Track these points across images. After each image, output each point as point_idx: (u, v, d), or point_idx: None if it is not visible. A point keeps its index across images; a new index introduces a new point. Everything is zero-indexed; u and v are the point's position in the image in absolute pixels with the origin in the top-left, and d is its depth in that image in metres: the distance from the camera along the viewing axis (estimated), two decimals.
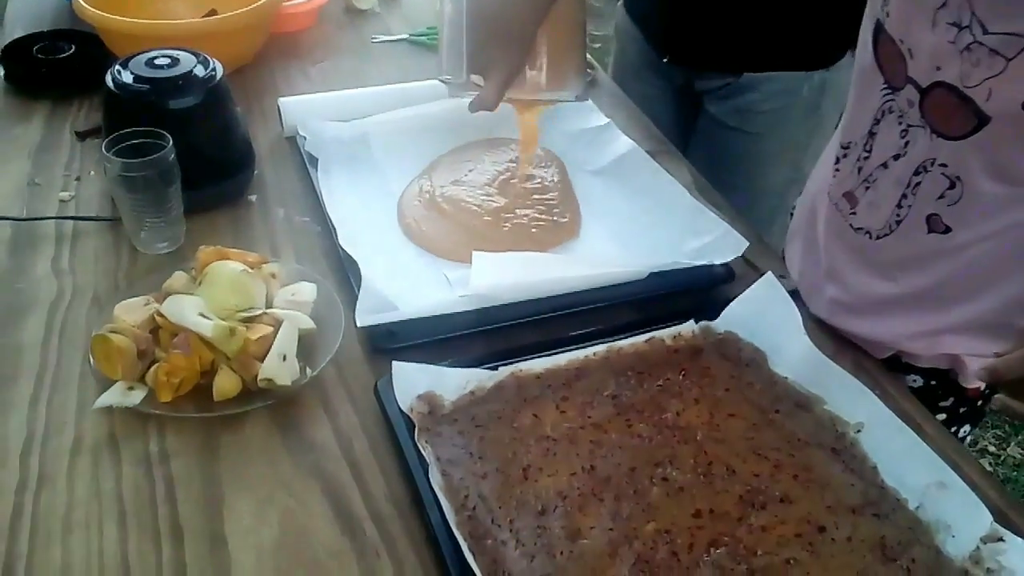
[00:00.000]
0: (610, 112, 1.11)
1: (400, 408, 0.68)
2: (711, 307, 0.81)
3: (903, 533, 0.63)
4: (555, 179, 0.98)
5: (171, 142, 0.81)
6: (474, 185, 0.95)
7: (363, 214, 0.92)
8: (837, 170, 0.81)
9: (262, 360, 0.70)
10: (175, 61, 0.87)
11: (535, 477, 0.65)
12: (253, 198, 0.95)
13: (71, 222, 0.89)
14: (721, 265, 0.86)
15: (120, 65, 0.86)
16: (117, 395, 0.68)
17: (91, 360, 0.70)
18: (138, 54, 0.88)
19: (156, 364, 0.69)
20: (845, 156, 0.80)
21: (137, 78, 0.85)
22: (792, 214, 1.02)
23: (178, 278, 0.77)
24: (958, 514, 0.63)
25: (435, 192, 0.94)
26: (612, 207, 0.96)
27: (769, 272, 0.81)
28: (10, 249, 0.85)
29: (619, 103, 1.18)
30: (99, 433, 0.68)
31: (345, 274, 0.83)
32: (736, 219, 0.94)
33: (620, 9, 1.35)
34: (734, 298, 0.80)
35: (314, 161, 0.96)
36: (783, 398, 0.73)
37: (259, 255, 0.81)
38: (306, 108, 1.03)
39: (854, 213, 0.79)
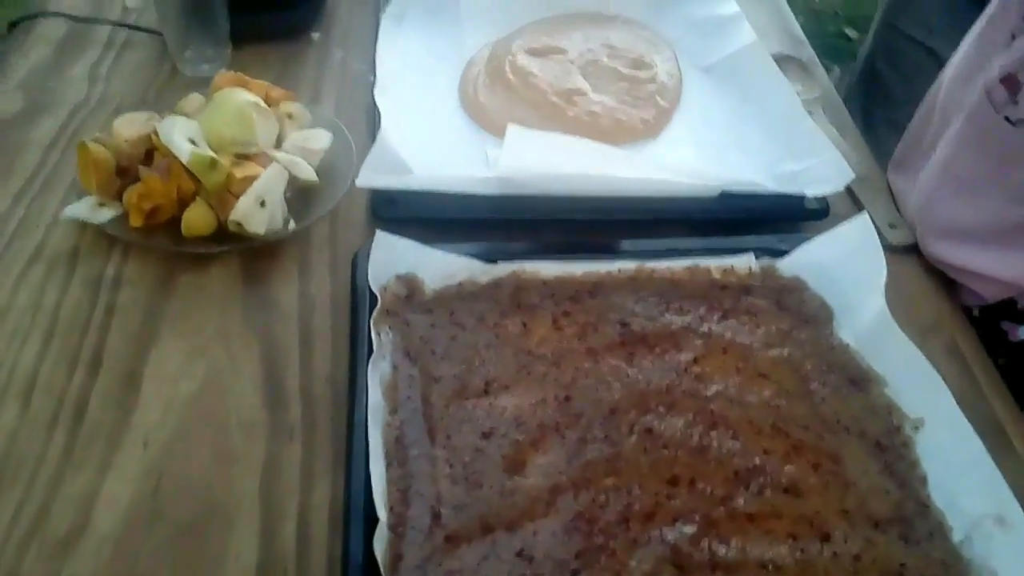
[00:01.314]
0: (751, 4, 0.94)
1: (370, 285, 0.59)
2: (785, 244, 0.66)
3: (931, 568, 0.49)
4: (659, 67, 0.84)
5: None
6: (554, 59, 0.82)
7: (422, 70, 0.82)
8: (1008, 48, 0.63)
9: None
10: None
11: (496, 394, 0.55)
12: (316, 35, 0.87)
13: (126, 31, 0.84)
14: (816, 199, 0.70)
15: None
16: (85, 209, 0.63)
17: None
18: None
19: (136, 183, 0.64)
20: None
21: None
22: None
23: (192, 100, 0.71)
24: (1012, 561, 0.48)
25: (505, 59, 0.82)
26: (709, 110, 0.81)
27: (865, 212, 0.65)
28: (58, 47, 0.82)
29: None
30: (63, 245, 0.63)
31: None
32: (864, 154, 0.77)
33: None
34: None
35: (387, 2, 0.87)
36: (835, 369, 0.59)
37: (284, 91, 0.73)
38: None
39: (1015, 102, 0.61)
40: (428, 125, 0.75)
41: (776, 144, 0.75)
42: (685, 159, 0.75)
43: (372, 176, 0.66)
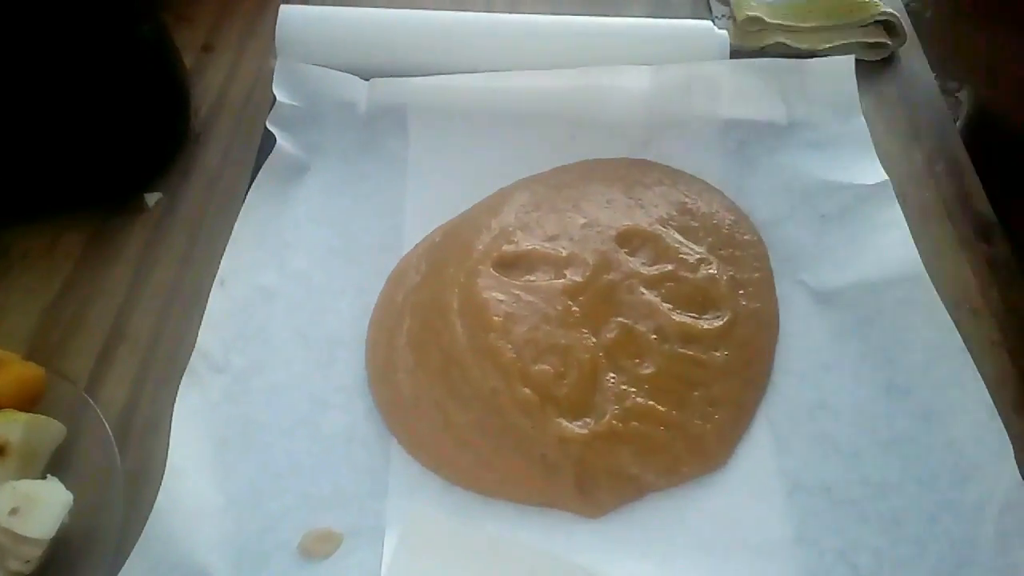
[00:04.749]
0: (897, 152, 0.55)
1: None
2: None
3: None
4: (742, 303, 0.46)
5: None
6: (543, 283, 0.45)
7: (311, 289, 0.46)
8: None
9: None
10: None
11: None
12: (153, 200, 0.51)
13: None
14: None
15: None
16: None
17: None
18: None
19: None
20: None
21: None
22: None
23: None
24: None
25: (455, 282, 0.45)
26: (825, 402, 0.43)
27: None
28: None
29: (917, 132, 0.59)
30: None
31: None
32: None
33: None
34: None
35: (271, 145, 0.51)
36: None
37: (26, 370, 0.39)
38: (317, 34, 0.56)
39: None
40: (283, 445, 0.40)
41: (968, 525, 0.38)
42: (776, 547, 0.38)
43: None
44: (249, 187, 0.49)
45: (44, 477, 0.37)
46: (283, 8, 0.56)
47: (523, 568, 0.35)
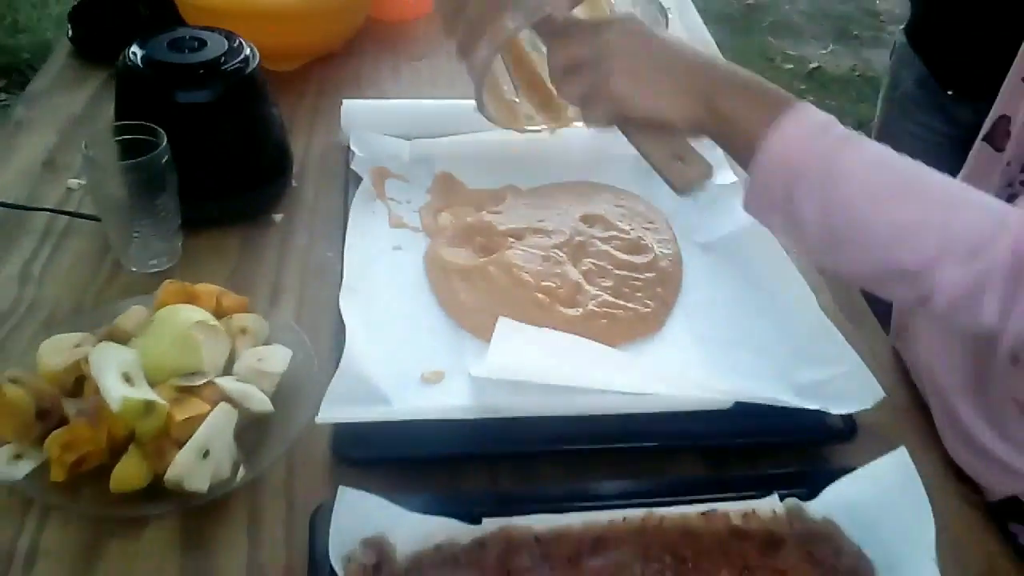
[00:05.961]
0: None
1: (331, 561, 0.49)
2: (812, 476, 0.58)
3: None
4: (658, 250, 0.76)
5: (165, 141, 0.67)
6: (538, 243, 0.75)
7: (395, 259, 0.74)
8: None
9: None
10: (202, 44, 0.73)
11: None
12: (278, 218, 0.79)
13: (66, 218, 0.76)
14: (840, 416, 0.62)
15: (138, 44, 0.72)
16: None
17: None
18: (167, 31, 0.74)
19: (60, 429, 0.55)
20: None
21: (147, 61, 0.71)
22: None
23: (134, 314, 0.63)
24: None
25: (483, 242, 0.74)
26: (713, 299, 0.73)
27: (902, 448, 0.56)
28: None
29: None
30: None
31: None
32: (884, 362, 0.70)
33: (900, 34, 1.11)
34: (848, 469, 0.57)
35: (358, 183, 0.80)
36: None
37: (237, 299, 0.65)
38: (372, 116, 0.87)
39: None
40: (404, 331, 0.67)
41: (791, 346, 0.67)
42: (691, 362, 0.67)
43: (335, 410, 0.57)
44: (347, 204, 0.77)
45: None
46: (346, 102, 0.87)
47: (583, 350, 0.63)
